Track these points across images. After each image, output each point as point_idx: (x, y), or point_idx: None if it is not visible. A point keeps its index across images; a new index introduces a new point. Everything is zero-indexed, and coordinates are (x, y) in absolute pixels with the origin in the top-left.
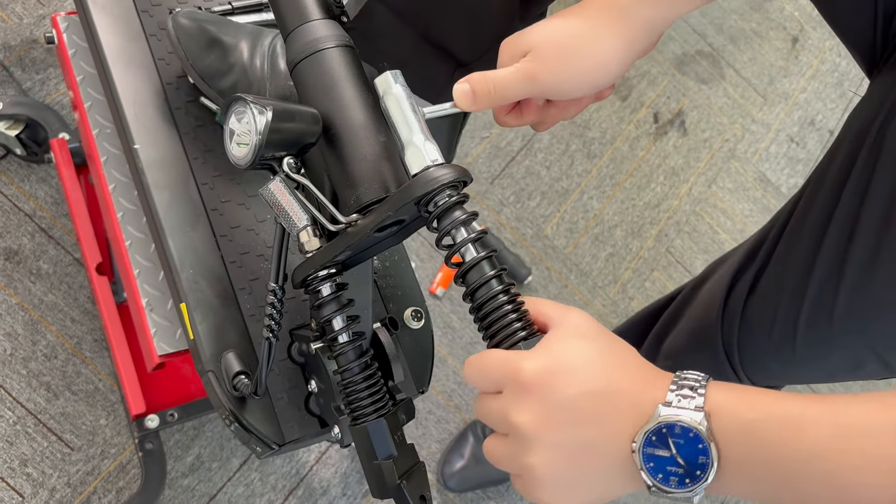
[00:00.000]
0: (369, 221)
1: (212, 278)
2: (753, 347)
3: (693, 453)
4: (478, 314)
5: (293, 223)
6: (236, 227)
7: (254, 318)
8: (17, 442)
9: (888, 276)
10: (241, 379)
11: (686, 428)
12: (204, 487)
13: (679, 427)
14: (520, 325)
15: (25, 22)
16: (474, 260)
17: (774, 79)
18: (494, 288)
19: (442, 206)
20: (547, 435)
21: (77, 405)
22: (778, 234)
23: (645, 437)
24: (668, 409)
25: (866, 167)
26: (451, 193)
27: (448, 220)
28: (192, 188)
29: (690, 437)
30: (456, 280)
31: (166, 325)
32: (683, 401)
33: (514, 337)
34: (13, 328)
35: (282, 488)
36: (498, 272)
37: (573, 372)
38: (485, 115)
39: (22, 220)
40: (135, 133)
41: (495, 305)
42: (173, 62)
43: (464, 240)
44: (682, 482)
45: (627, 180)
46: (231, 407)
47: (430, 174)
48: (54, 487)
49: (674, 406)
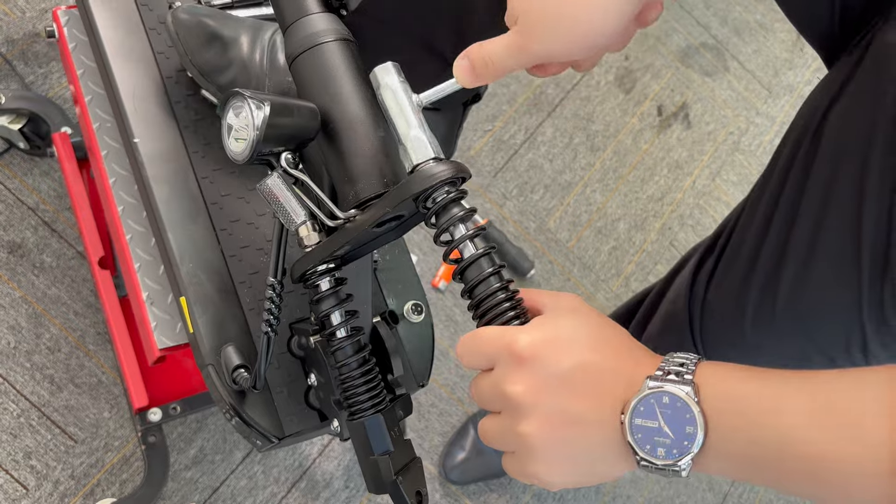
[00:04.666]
0: (368, 217)
1: (211, 272)
2: (714, 334)
3: (680, 423)
4: (476, 311)
5: (290, 219)
6: (236, 222)
7: (254, 311)
8: (21, 434)
9: (821, 280)
10: (240, 373)
11: (674, 397)
12: (207, 480)
13: (667, 397)
14: (517, 320)
15: (28, 16)
16: (472, 257)
17: (779, 71)
18: (492, 285)
19: (440, 203)
20: (540, 403)
21: (80, 398)
22: (735, 222)
23: (634, 407)
24: (657, 381)
25: (808, 154)
26: (448, 190)
27: (446, 217)
28: (192, 182)
29: (678, 406)
30: (454, 277)
31: (167, 319)
32: (671, 374)
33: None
34: (17, 321)
35: (284, 481)
36: (496, 269)
37: (566, 344)
38: (487, 107)
39: (25, 213)
40: (135, 127)
41: (493, 302)
42: (173, 56)
43: (462, 236)
44: (669, 453)
45: (631, 173)
46: (231, 401)
47: (428, 170)
48: (58, 480)
49: (661, 378)
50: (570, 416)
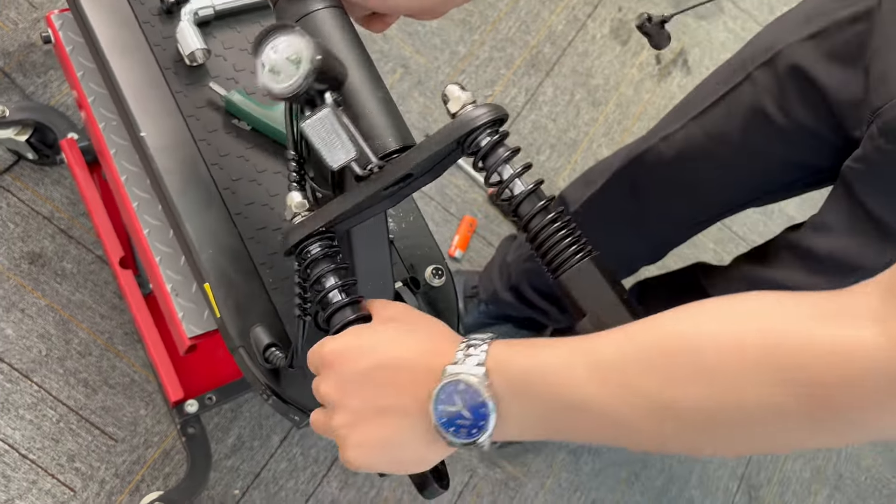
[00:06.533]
0: (410, 159)
1: (232, 256)
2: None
3: (476, 406)
4: (534, 243)
5: (338, 156)
6: (250, 204)
7: (277, 290)
8: (63, 439)
9: None
10: (272, 351)
11: (467, 385)
12: (248, 466)
13: (462, 384)
14: (573, 249)
15: (21, 27)
16: (523, 193)
17: (774, 7)
18: (546, 216)
19: (488, 144)
20: (345, 401)
21: (116, 398)
22: None
23: (436, 395)
24: (455, 367)
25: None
26: (493, 131)
27: (494, 158)
28: (203, 170)
29: (471, 391)
30: (509, 212)
31: (193, 308)
32: (468, 359)
33: (570, 260)
34: (45, 329)
35: (323, 460)
36: (546, 202)
37: (366, 349)
38: (485, 73)
39: (41, 223)
40: (140, 121)
41: (549, 232)
42: (169, 47)
43: (511, 175)
44: (469, 433)
45: (635, 125)
46: (265, 380)
47: (470, 113)
48: (103, 479)
49: (459, 364)
50: (375, 409)
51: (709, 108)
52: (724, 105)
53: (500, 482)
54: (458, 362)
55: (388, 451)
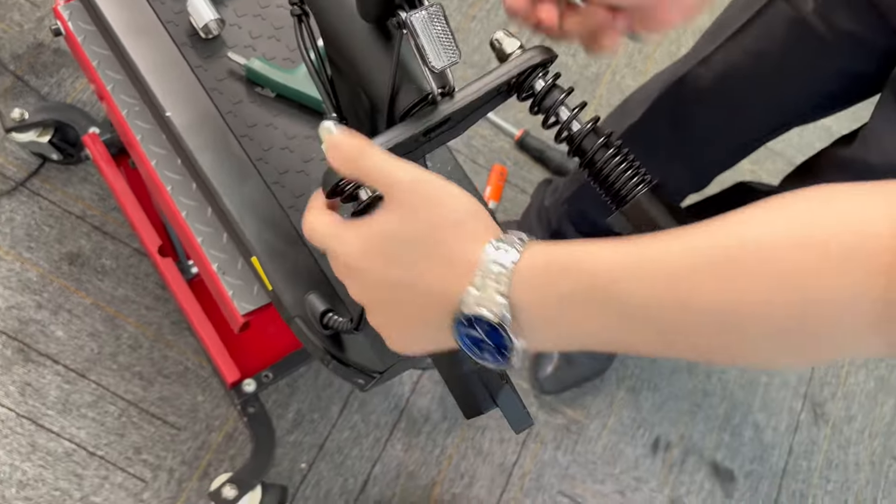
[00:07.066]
0: (467, 94)
1: (275, 226)
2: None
3: (497, 336)
4: (597, 178)
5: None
6: (285, 173)
7: (325, 256)
8: (127, 432)
9: None
10: (331, 316)
11: (488, 316)
12: (311, 439)
13: (482, 315)
14: (636, 180)
15: (27, 28)
16: (583, 132)
17: None
18: (608, 151)
19: (545, 88)
20: (372, 306)
21: (172, 387)
22: None
23: (456, 319)
24: (475, 294)
25: None
26: (546, 72)
27: (551, 100)
28: (233, 143)
29: (495, 325)
30: (569, 153)
31: (241, 285)
32: (491, 284)
33: (633, 191)
34: (94, 327)
35: (385, 424)
36: (606, 137)
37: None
38: (497, 17)
39: (75, 222)
40: (163, 101)
41: (612, 166)
42: (182, 22)
43: (569, 116)
44: (494, 357)
45: (657, 51)
46: (326, 346)
47: (521, 55)
48: (171, 468)
49: (479, 291)
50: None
51: (745, 26)
52: (761, 20)
53: (561, 427)
54: (476, 288)
55: (414, 337)
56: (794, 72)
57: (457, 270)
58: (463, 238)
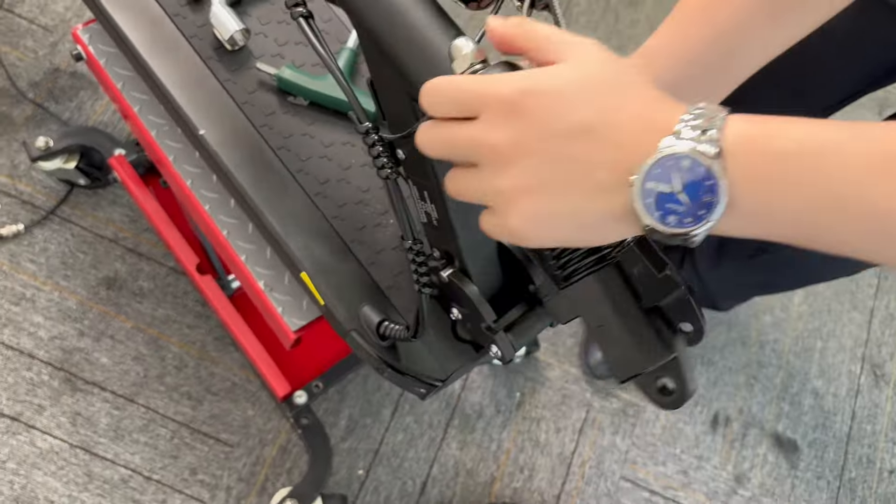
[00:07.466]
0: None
1: (321, 239)
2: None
3: (698, 190)
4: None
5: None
6: (325, 183)
7: (374, 265)
8: (180, 454)
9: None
10: (387, 325)
11: (695, 161)
12: (365, 445)
13: (687, 159)
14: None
15: (41, 54)
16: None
17: None
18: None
19: None
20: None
21: (221, 404)
22: None
23: (648, 170)
24: (676, 139)
25: None
26: None
27: None
28: (270, 156)
29: (699, 171)
30: None
31: (289, 300)
32: (695, 132)
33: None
34: (138, 350)
35: (438, 424)
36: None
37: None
38: None
39: (108, 246)
40: (195, 119)
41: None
42: (205, 36)
43: None
44: (681, 221)
45: None
46: (385, 358)
47: None
48: (228, 486)
49: (681, 138)
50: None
51: None
52: None
53: (617, 411)
54: (681, 133)
55: (563, 228)
56: (859, 48)
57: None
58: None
